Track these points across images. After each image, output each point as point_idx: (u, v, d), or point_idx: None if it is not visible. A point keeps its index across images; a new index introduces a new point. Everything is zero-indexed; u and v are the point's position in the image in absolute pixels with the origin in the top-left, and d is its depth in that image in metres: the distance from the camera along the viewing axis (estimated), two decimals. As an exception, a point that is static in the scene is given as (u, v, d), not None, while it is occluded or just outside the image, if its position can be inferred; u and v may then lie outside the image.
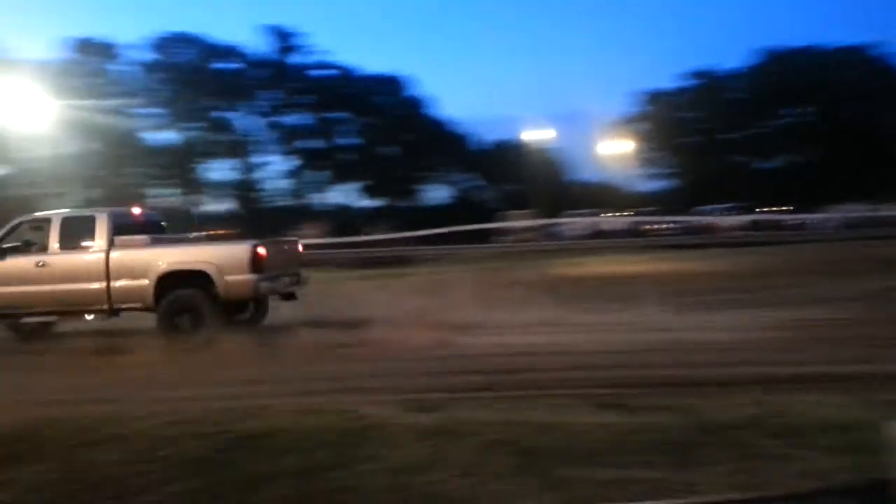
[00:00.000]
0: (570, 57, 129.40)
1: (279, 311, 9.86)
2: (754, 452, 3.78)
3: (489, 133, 63.61)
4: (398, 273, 20.04)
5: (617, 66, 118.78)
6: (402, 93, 56.79)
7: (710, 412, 4.53)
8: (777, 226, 30.44)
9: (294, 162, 50.63)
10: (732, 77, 60.00)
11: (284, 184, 50.14)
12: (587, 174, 68.04)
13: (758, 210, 31.75)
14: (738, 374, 5.91)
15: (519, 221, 33.12)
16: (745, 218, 29.35)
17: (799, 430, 4.08)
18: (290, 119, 50.93)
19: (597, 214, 35.50)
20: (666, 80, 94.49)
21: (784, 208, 32.99)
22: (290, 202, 49.18)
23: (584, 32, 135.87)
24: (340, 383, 6.29)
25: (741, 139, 59.97)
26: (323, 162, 51.49)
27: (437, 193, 62.40)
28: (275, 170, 49.86)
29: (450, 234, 29.99)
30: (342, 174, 52.46)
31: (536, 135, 42.21)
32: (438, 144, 55.00)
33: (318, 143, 52.24)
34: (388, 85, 56.35)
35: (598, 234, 31.01)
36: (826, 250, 20.84)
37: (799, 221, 31.44)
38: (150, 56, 44.83)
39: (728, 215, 29.75)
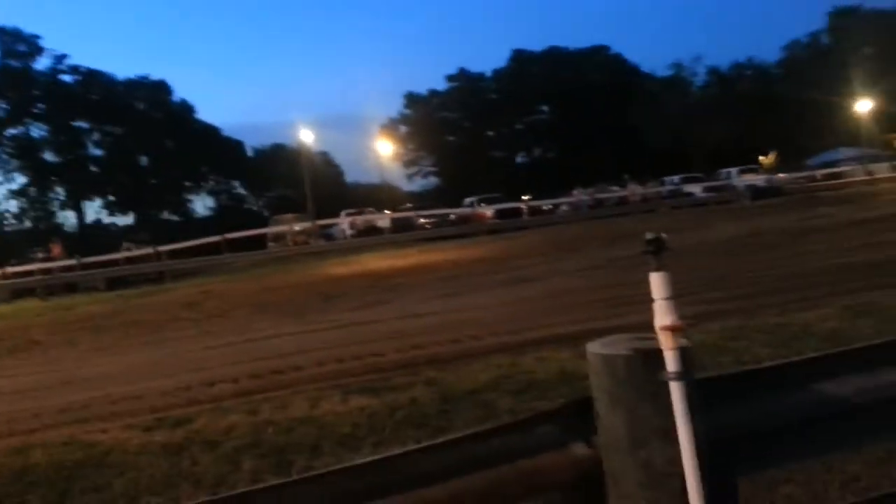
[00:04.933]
0: (340, 61, 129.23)
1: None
2: (496, 409, 4.09)
3: (258, 139, 61.65)
4: (154, 291, 18.69)
5: (387, 69, 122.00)
6: (159, 98, 52.73)
7: (453, 382, 4.79)
8: (538, 210, 32.81)
9: (24, 180, 44.86)
10: (488, 78, 64.83)
11: (13, 205, 44.01)
12: (361, 176, 69.01)
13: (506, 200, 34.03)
14: (482, 345, 6.31)
15: (291, 225, 32.33)
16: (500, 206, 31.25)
17: (533, 384, 4.49)
18: (17, 131, 44.88)
19: (369, 213, 35.87)
20: (433, 81, 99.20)
21: (526, 197, 35.95)
22: (23, 225, 43.12)
23: (353, 36, 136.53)
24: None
25: (498, 136, 64.99)
26: (63, 177, 46.10)
27: (205, 203, 59.03)
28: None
29: (218, 243, 28.44)
30: (86, 189, 47.51)
31: (306, 138, 41.62)
32: (203, 152, 51.93)
33: (55, 157, 46.68)
34: (143, 90, 51.95)
35: (373, 230, 31.34)
36: (569, 230, 23.39)
37: (550, 206, 34.38)
38: None
39: (486, 206, 31.53)
